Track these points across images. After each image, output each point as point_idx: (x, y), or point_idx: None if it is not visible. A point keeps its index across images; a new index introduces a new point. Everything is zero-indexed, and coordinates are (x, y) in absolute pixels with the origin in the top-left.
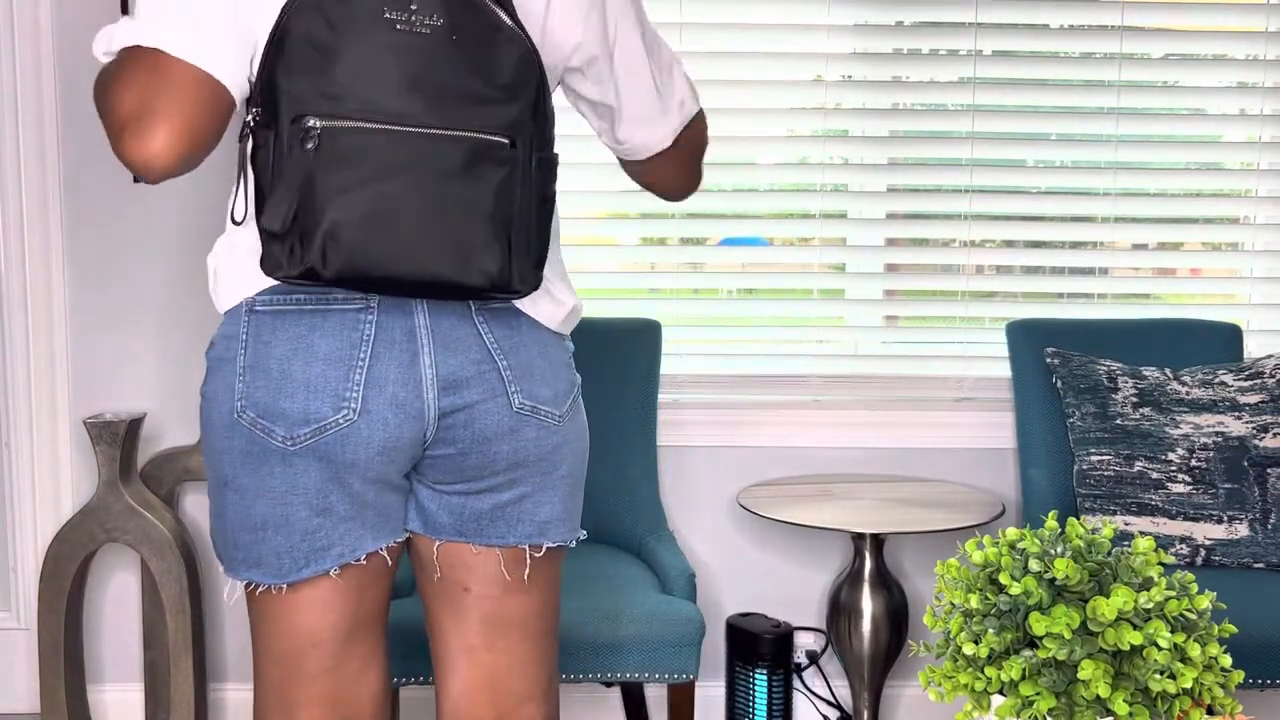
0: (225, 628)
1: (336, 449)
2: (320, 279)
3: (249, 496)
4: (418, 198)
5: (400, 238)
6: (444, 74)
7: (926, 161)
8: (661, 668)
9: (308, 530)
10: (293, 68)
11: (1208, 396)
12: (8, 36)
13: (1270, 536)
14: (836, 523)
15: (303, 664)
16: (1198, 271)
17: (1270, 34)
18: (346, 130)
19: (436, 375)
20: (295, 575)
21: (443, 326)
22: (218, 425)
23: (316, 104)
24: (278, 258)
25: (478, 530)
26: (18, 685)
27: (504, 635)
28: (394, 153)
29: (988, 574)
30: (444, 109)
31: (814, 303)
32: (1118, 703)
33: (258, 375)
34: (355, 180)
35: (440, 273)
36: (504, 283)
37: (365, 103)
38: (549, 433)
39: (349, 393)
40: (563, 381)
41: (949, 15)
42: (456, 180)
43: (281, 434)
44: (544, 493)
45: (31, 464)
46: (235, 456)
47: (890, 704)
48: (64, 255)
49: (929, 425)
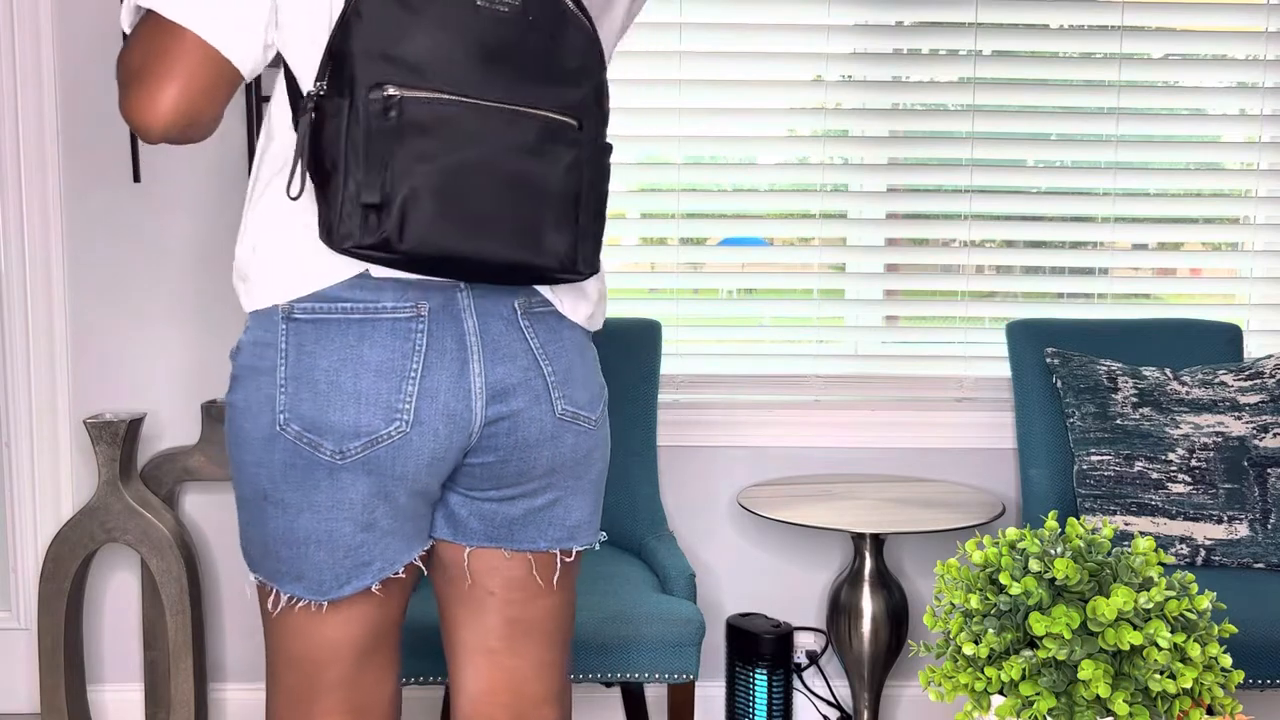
0: (225, 628)
1: (387, 462)
2: (391, 250)
3: (292, 511)
4: (492, 173)
5: (474, 212)
6: (520, 53)
7: (926, 161)
8: (661, 668)
9: (351, 547)
10: (372, 38)
11: (1208, 396)
12: (8, 36)
13: (1270, 536)
14: (836, 523)
15: (323, 674)
16: (1198, 271)
17: (1270, 34)
18: (425, 101)
19: (485, 384)
20: (337, 593)
21: (491, 333)
22: (254, 438)
23: (396, 74)
24: (349, 228)
25: (509, 535)
26: (18, 685)
27: (527, 639)
28: (471, 126)
29: (988, 574)
30: (519, 87)
31: (814, 303)
32: (1118, 703)
33: (302, 387)
34: (433, 151)
35: (513, 250)
36: (570, 264)
37: (444, 75)
38: (585, 437)
39: (402, 404)
40: (595, 385)
41: (949, 15)
42: (530, 157)
43: (331, 448)
44: (574, 497)
45: (31, 464)
46: (277, 470)
47: (890, 704)
48: (64, 255)
49: (929, 425)
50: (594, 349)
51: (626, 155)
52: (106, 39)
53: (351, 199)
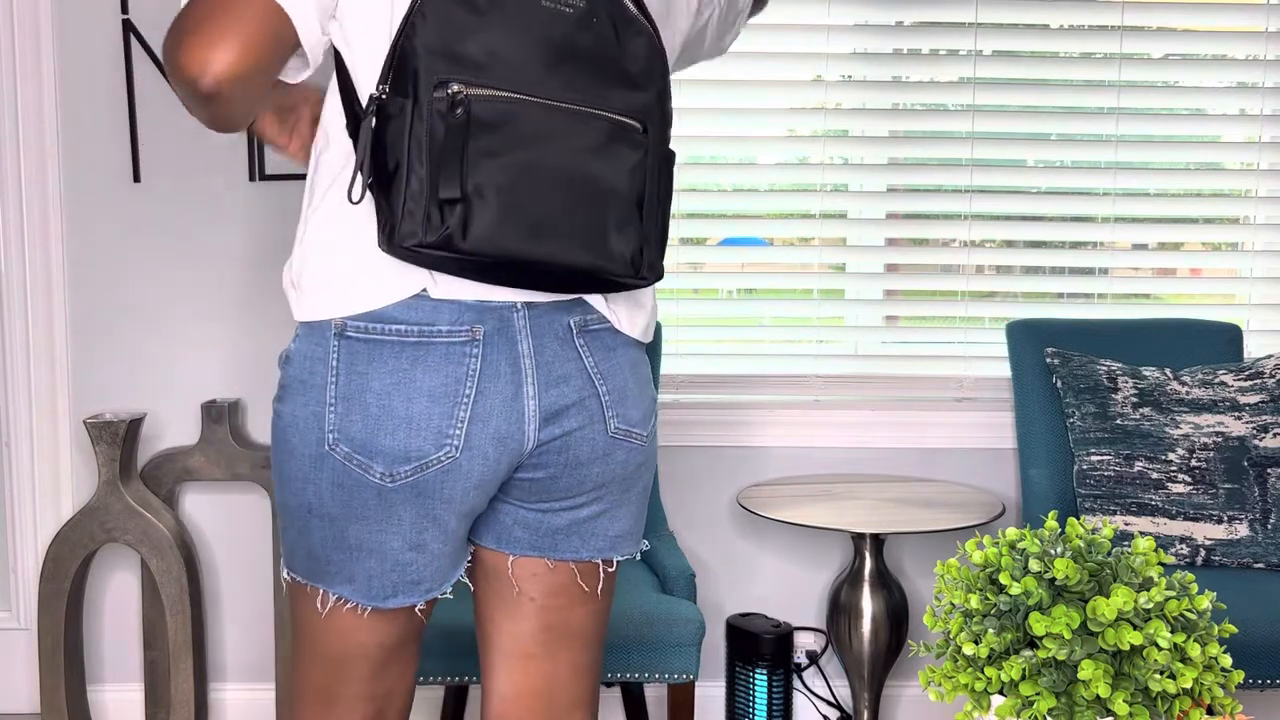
0: (225, 628)
1: (436, 485)
2: (455, 249)
3: (340, 522)
4: (557, 171)
5: (540, 211)
6: (584, 54)
7: (926, 161)
8: (661, 668)
9: (400, 562)
10: (437, 36)
11: (1208, 396)
12: (8, 37)
13: (1270, 536)
14: (836, 523)
15: (350, 670)
16: (1198, 271)
17: (1270, 34)
18: (491, 99)
19: (539, 406)
20: (383, 602)
21: (546, 355)
22: (302, 454)
23: (461, 71)
24: (412, 227)
25: (553, 545)
26: (18, 685)
27: (565, 645)
28: (537, 125)
29: (988, 574)
30: (584, 87)
31: (814, 303)
32: (1118, 703)
33: (352, 409)
34: (498, 149)
35: (578, 253)
36: (635, 268)
37: (509, 74)
38: (635, 453)
39: (453, 429)
40: (648, 401)
41: (949, 15)
42: (596, 158)
43: (380, 470)
44: (620, 509)
45: (31, 464)
46: (324, 488)
47: (890, 704)
48: (64, 255)
49: (929, 425)
50: (647, 363)
51: None
52: (107, 39)
53: (415, 196)
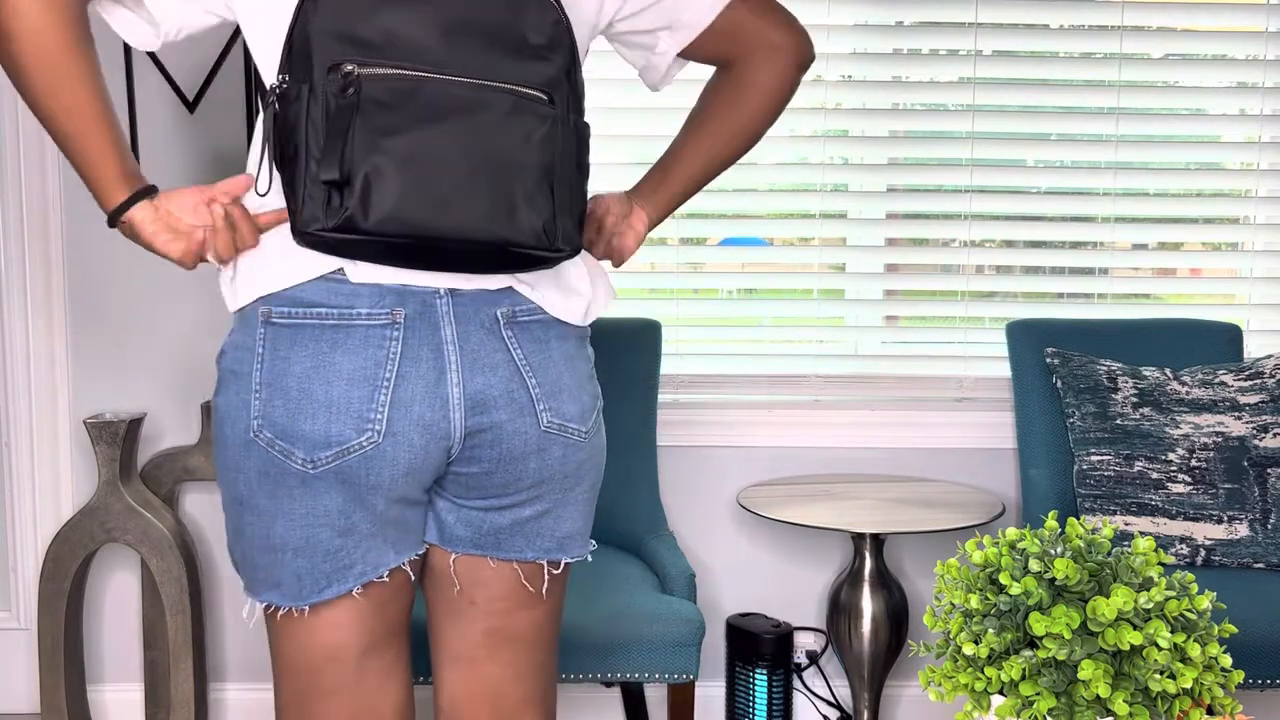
0: (225, 628)
1: (360, 472)
2: (358, 229)
3: (266, 517)
4: (461, 146)
5: (444, 186)
6: (481, 27)
7: (926, 161)
8: (661, 668)
9: (330, 550)
10: (331, 18)
11: (1208, 396)
12: None
13: (1270, 536)
14: (836, 523)
15: (320, 680)
16: (1198, 271)
17: (1270, 34)
18: (386, 77)
19: (464, 394)
20: (316, 597)
21: (471, 343)
22: (232, 443)
23: (354, 52)
24: (313, 212)
25: (495, 544)
26: (18, 685)
27: (508, 648)
28: (435, 101)
29: (988, 574)
30: (484, 61)
31: (814, 303)
32: (1118, 703)
33: (275, 394)
34: (395, 127)
35: (486, 224)
36: (550, 239)
37: (404, 51)
38: (574, 450)
39: (374, 414)
40: (588, 396)
41: (949, 15)
42: (499, 131)
43: (302, 456)
44: (565, 508)
45: (31, 464)
46: (251, 477)
47: (890, 704)
48: (64, 255)
49: (929, 425)
50: (588, 359)
51: (626, 155)
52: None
53: (313, 179)
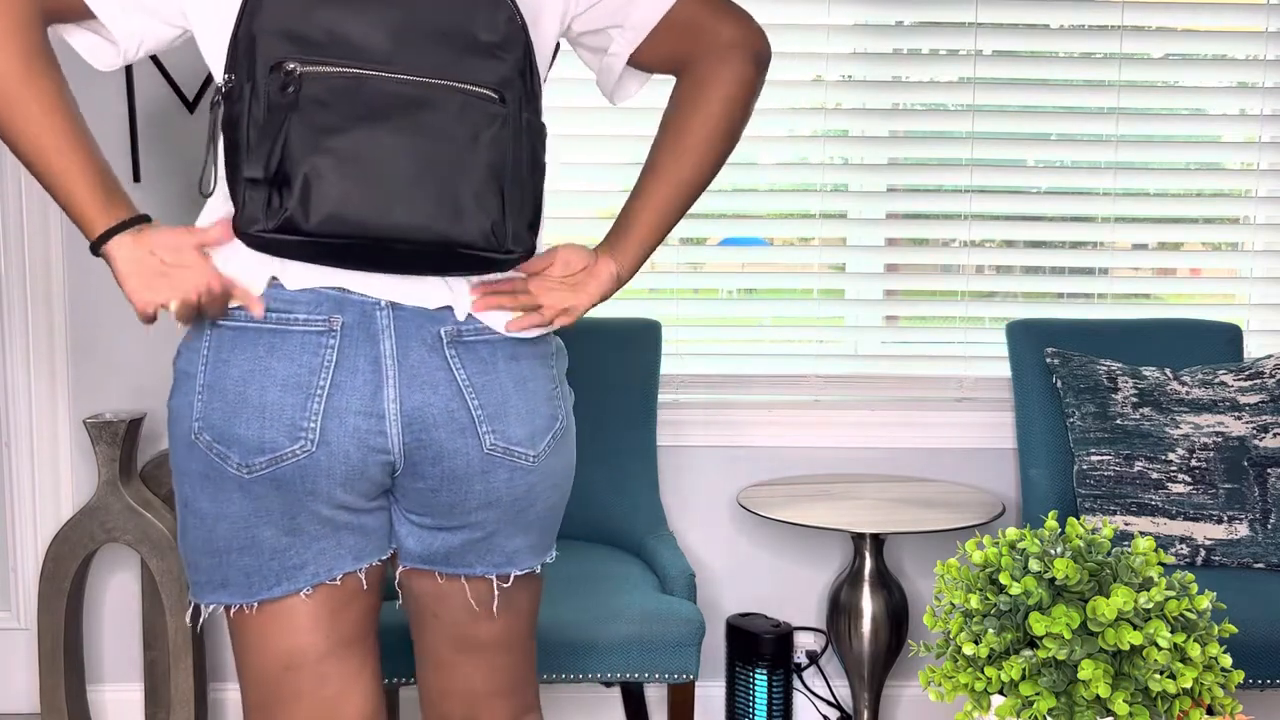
0: (225, 628)
1: (295, 479)
2: (299, 230)
3: (209, 520)
4: (405, 145)
5: (387, 185)
6: (429, 24)
7: (926, 161)
8: (661, 668)
9: (277, 549)
10: (271, 17)
11: (1208, 396)
12: None
13: (1270, 536)
14: (836, 523)
15: (279, 687)
16: (1198, 271)
17: (1270, 34)
18: (328, 75)
19: (400, 410)
20: (265, 594)
21: (411, 359)
22: (178, 443)
23: (294, 49)
24: (253, 212)
25: (444, 560)
26: (18, 685)
27: (477, 654)
28: (379, 99)
29: (988, 574)
30: (433, 59)
31: (814, 303)
32: (1118, 703)
33: (215, 395)
34: (337, 125)
35: (430, 224)
36: (500, 240)
37: (347, 48)
38: (522, 474)
39: (306, 422)
40: (541, 418)
41: (949, 15)
42: (446, 129)
43: (237, 461)
44: (516, 529)
45: (31, 464)
46: (194, 478)
47: (890, 704)
48: (64, 255)
49: (929, 425)
50: (549, 378)
51: (625, 155)
52: None
53: (254, 182)
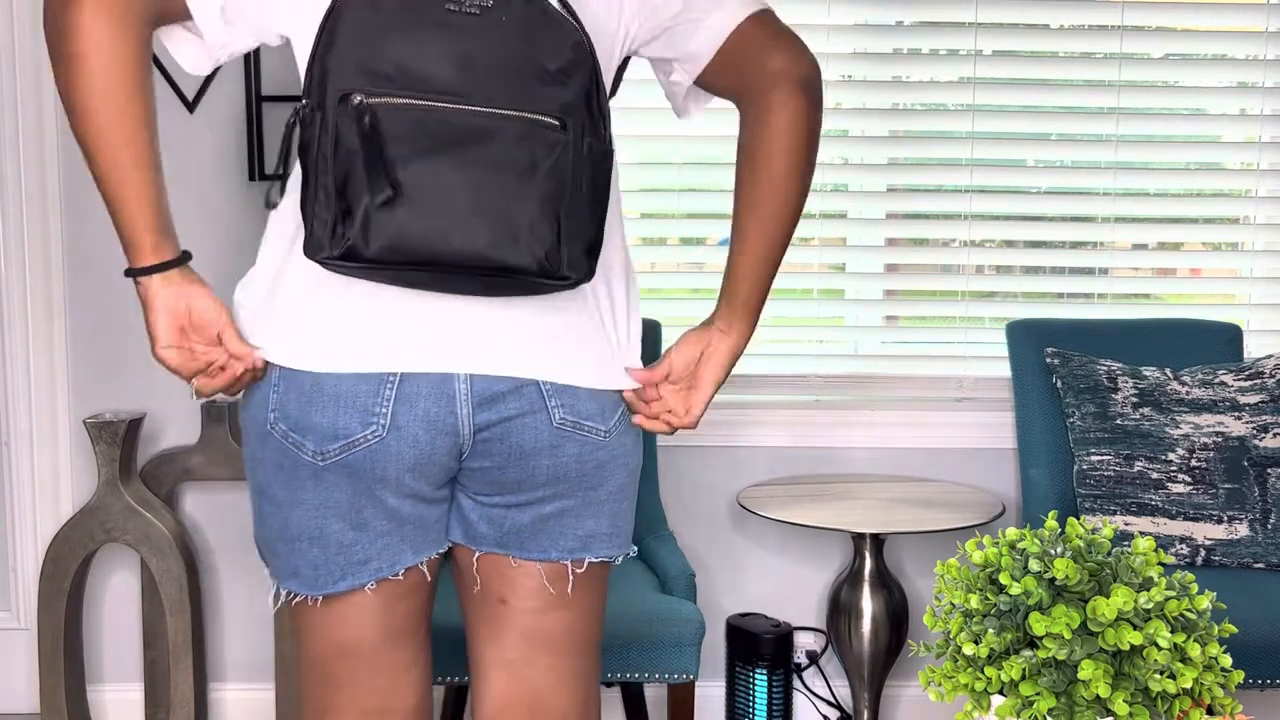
0: (225, 628)
1: (366, 465)
2: (361, 258)
3: (285, 507)
4: (464, 176)
5: (444, 215)
6: (494, 55)
7: (926, 161)
8: (661, 668)
9: (343, 544)
10: (343, 49)
11: (1208, 396)
12: (7, 36)
13: (1270, 536)
14: (836, 523)
15: (335, 673)
16: (1198, 271)
17: (1270, 34)
18: (394, 107)
19: (471, 390)
20: (330, 588)
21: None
22: (253, 433)
23: (364, 82)
24: (320, 238)
25: (519, 543)
26: (18, 685)
27: (544, 651)
28: (441, 130)
29: (988, 574)
30: (494, 89)
31: (814, 303)
32: (1118, 703)
33: (291, 387)
34: (400, 156)
35: (486, 251)
36: (554, 266)
37: (415, 81)
38: (592, 449)
39: (379, 408)
40: (610, 394)
41: (949, 15)
42: (505, 159)
43: (311, 448)
44: (588, 508)
45: (31, 464)
46: (269, 467)
47: (890, 704)
48: (64, 255)
49: (929, 425)
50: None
51: (626, 155)
52: None
53: (322, 208)
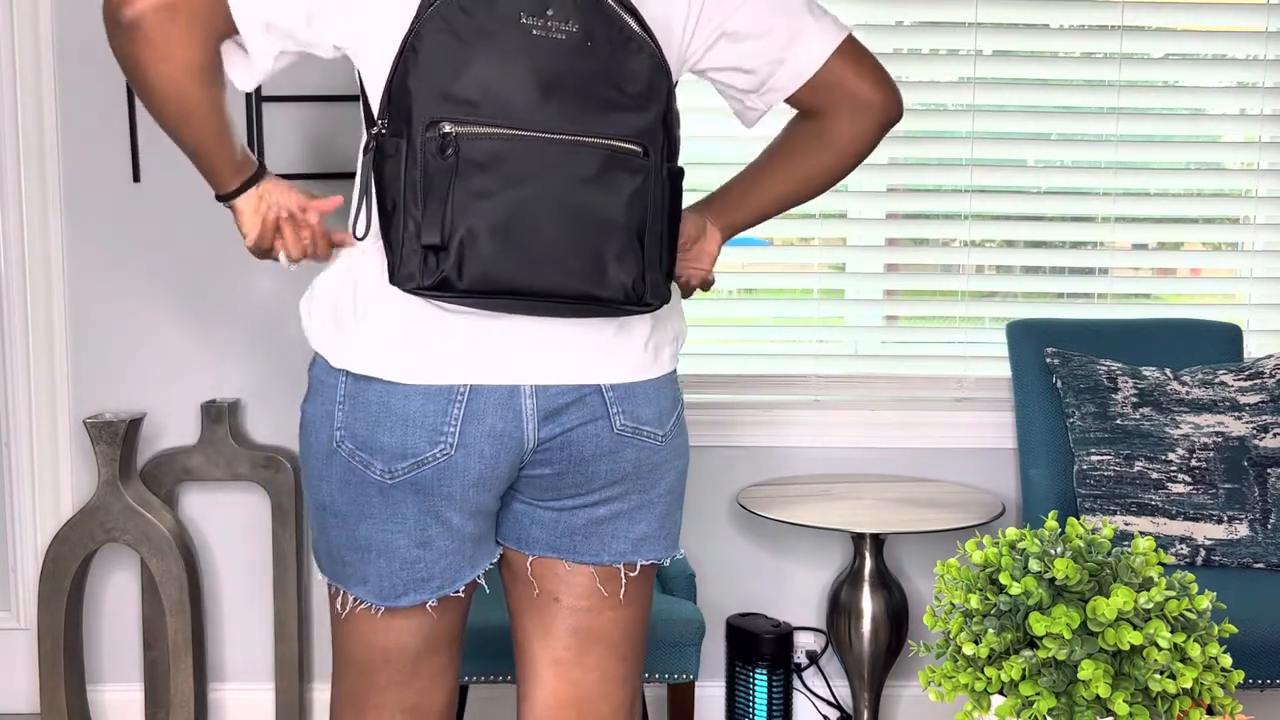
0: (225, 628)
1: (433, 482)
2: (453, 289)
3: (351, 519)
4: (553, 205)
5: (536, 247)
6: (579, 80)
7: (926, 161)
8: (661, 668)
9: (408, 560)
10: (427, 74)
11: (1208, 396)
12: (8, 37)
13: (1270, 536)
14: (836, 523)
15: (375, 675)
16: (1198, 271)
17: (1270, 34)
18: (482, 136)
19: (537, 405)
20: (394, 601)
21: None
22: (317, 451)
23: (452, 110)
24: (410, 269)
25: (571, 547)
26: (18, 685)
27: (594, 650)
28: (529, 159)
29: (988, 574)
30: (579, 115)
31: (814, 303)
32: (1118, 703)
33: (358, 406)
34: (491, 188)
35: (577, 285)
36: (638, 295)
37: (501, 109)
38: (650, 452)
39: (447, 428)
40: (666, 399)
41: (949, 15)
42: (591, 188)
43: (380, 468)
44: (640, 510)
45: (31, 464)
46: (334, 484)
47: (890, 704)
48: (64, 255)
49: (929, 425)
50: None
51: None
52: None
53: (411, 239)
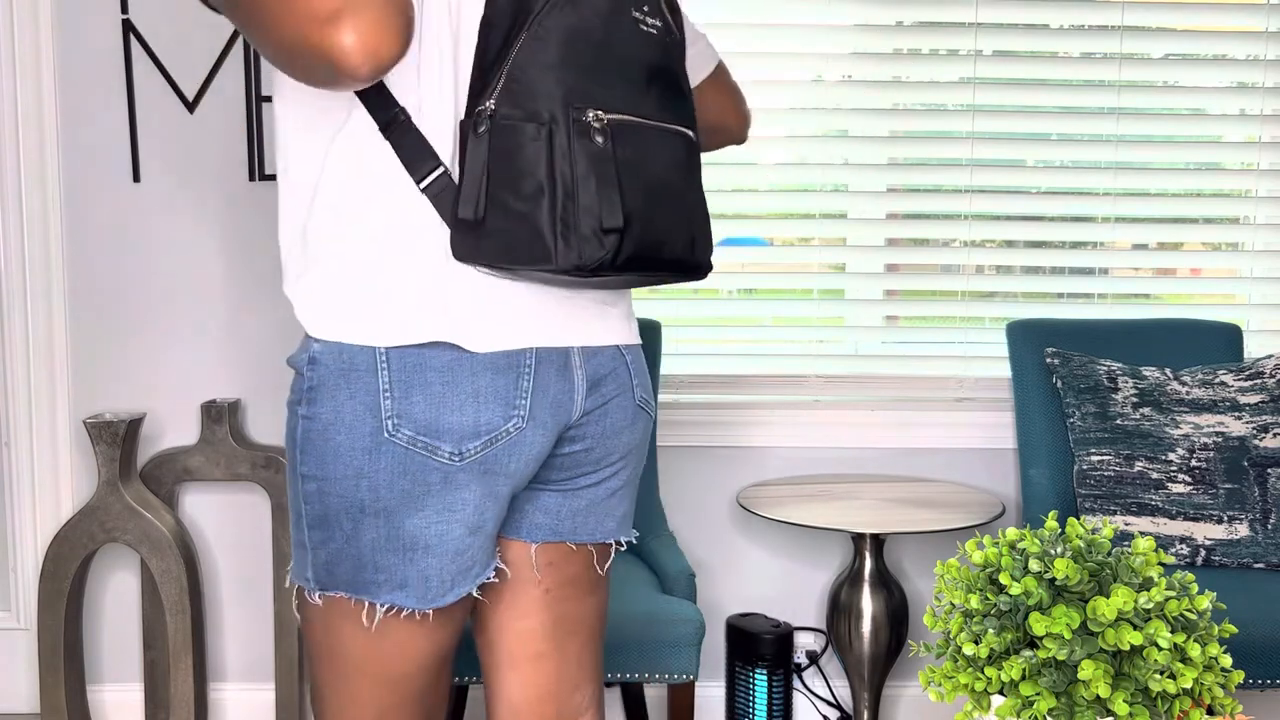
0: (225, 628)
1: (503, 460)
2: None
3: (398, 517)
4: (666, 188)
5: (661, 227)
6: (665, 72)
7: (926, 161)
8: (661, 668)
9: (459, 550)
10: (560, 58)
11: (1208, 396)
12: (8, 36)
13: (1270, 536)
14: (836, 523)
15: (405, 688)
16: (1198, 271)
17: (1270, 34)
18: (619, 123)
19: (585, 375)
20: (439, 600)
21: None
22: (350, 449)
23: (592, 95)
24: (547, 247)
25: (572, 530)
26: (18, 685)
27: (573, 639)
28: (647, 146)
29: (988, 574)
30: (666, 104)
31: (814, 303)
32: (1118, 703)
33: (413, 390)
34: (634, 173)
35: (693, 256)
36: (710, 265)
37: (624, 96)
38: (644, 425)
39: (520, 399)
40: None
41: (949, 15)
42: (681, 172)
43: (448, 450)
44: (626, 488)
45: (31, 464)
46: (381, 480)
47: (890, 704)
48: (64, 255)
49: (929, 425)
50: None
51: None
52: (106, 39)
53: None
